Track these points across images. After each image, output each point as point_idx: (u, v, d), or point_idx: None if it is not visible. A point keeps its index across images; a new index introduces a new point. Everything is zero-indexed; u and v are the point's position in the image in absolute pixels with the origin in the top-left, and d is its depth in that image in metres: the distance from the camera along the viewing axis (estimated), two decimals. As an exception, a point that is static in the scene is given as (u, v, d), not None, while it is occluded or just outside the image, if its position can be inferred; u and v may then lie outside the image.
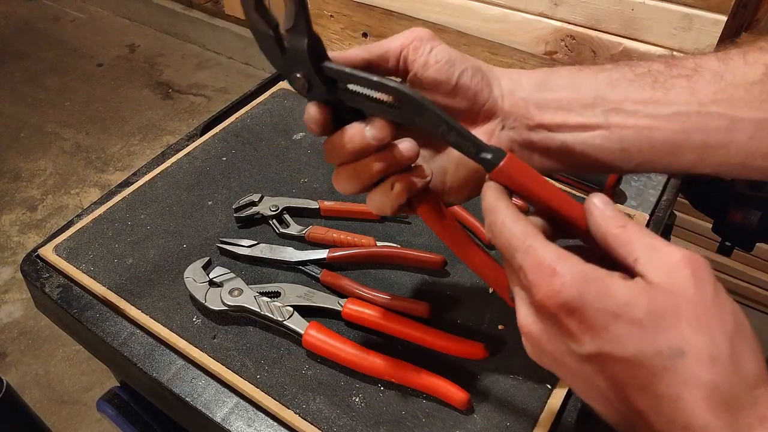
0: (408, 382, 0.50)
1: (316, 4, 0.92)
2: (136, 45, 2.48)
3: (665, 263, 0.27)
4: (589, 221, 0.31)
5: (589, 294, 0.27)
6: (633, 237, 0.29)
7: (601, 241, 0.30)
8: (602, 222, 0.30)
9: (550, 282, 0.28)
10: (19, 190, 1.83)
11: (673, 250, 0.28)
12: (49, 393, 1.32)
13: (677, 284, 0.26)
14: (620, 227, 0.30)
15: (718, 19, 0.63)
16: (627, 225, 0.30)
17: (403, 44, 0.40)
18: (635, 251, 0.28)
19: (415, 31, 0.40)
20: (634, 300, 0.26)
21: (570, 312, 0.27)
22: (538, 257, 0.29)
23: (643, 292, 0.27)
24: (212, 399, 0.52)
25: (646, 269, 0.27)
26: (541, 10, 0.73)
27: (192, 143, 0.78)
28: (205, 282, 0.57)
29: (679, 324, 0.26)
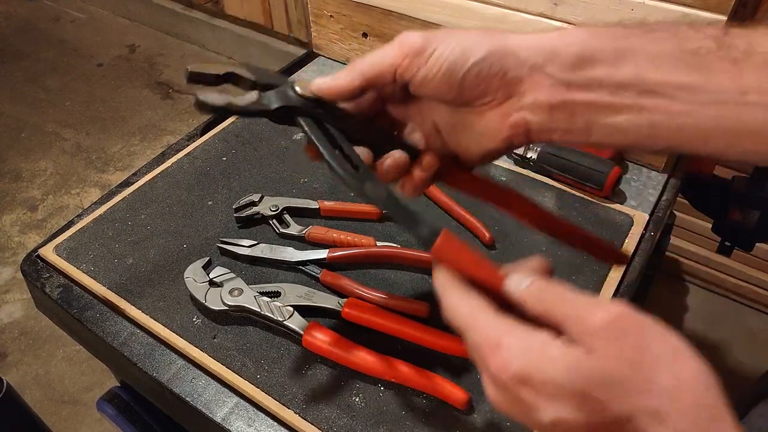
0: (408, 382, 0.50)
1: (316, 4, 0.92)
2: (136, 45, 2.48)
3: (589, 329, 0.28)
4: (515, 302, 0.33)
5: (532, 366, 0.28)
6: (557, 310, 0.30)
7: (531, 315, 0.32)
8: (525, 301, 0.32)
9: (497, 356, 0.29)
10: (20, 190, 1.83)
11: (595, 313, 0.28)
12: (50, 393, 1.32)
13: (607, 350, 0.27)
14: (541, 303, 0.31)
15: (717, 19, 0.63)
16: (547, 298, 0.31)
17: (394, 63, 0.37)
18: (564, 323, 0.29)
19: (404, 43, 0.37)
20: (574, 369, 0.27)
21: (521, 382, 0.28)
22: (484, 333, 0.31)
23: (579, 362, 0.27)
24: (212, 399, 0.52)
25: (580, 338, 0.28)
26: (540, 10, 0.72)
27: (192, 143, 0.78)
28: (206, 282, 0.57)
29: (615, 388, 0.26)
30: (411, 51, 0.37)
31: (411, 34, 0.37)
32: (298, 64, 0.95)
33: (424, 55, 0.37)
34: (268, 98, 0.40)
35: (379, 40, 0.89)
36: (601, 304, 0.29)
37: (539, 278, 0.33)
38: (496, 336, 0.30)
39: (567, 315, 0.29)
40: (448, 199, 0.67)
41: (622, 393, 0.26)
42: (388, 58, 0.38)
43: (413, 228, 0.37)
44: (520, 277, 0.33)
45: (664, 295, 1.41)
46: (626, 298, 0.59)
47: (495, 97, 0.37)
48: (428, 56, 0.37)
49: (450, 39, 0.37)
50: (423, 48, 0.37)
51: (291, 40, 2.15)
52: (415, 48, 0.37)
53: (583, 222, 0.67)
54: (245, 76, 0.40)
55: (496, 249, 0.64)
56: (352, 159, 0.39)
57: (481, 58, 0.36)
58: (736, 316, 1.38)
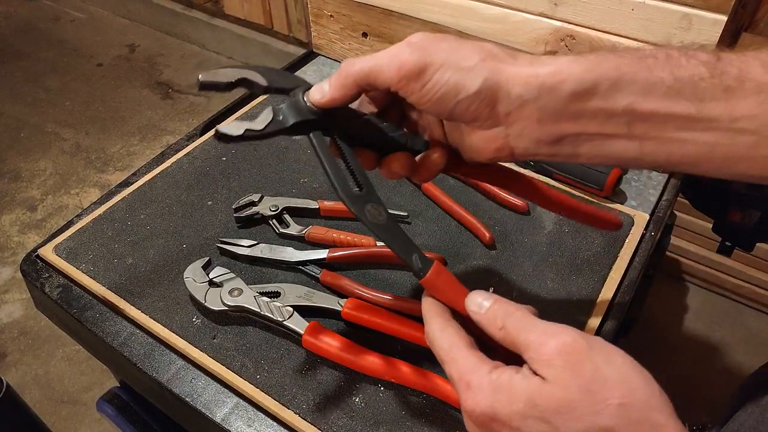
0: (408, 382, 0.50)
1: (316, 3, 0.92)
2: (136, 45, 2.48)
3: (544, 359, 0.30)
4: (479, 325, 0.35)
5: (499, 402, 0.31)
6: (514, 338, 0.33)
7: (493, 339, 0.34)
8: (485, 327, 0.35)
9: (467, 395, 0.32)
10: (19, 190, 1.83)
11: (548, 343, 0.31)
12: (49, 393, 1.32)
13: (559, 378, 0.30)
14: (500, 330, 0.33)
15: (717, 19, 0.62)
16: (505, 325, 0.33)
17: (389, 81, 0.38)
18: (521, 351, 0.32)
19: (403, 66, 0.37)
20: (533, 399, 0.30)
21: (491, 419, 0.31)
22: (458, 369, 0.33)
23: (537, 391, 0.30)
24: (212, 399, 0.52)
25: (535, 367, 0.31)
26: (541, 10, 0.72)
27: (192, 143, 0.78)
28: (205, 282, 0.57)
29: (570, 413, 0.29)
30: (408, 74, 0.37)
31: (409, 55, 0.37)
32: (298, 64, 0.95)
33: (420, 81, 0.37)
34: (282, 114, 0.40)
35: (379, 39, 0.89)
36: (553, 334, 0.31)
37: (497, 302, 0.35)
38: (467, 375, 0.33)
39: (524, 345, 0.32)
40: (448, 199, 0.67)
41: (577, 416, 0.29)
42: (384, 76, 0.38)
43: (406, 257, 0.39)
44: (479, 299, 0.35)
45: (664, 295, 1.40)
46: (627, 297, 0.59)
47: (483, 123, 0.38)
48: (424, 83, 0.37)
49: (447, 67, 0.37)
50: (420, 74, 0.37)
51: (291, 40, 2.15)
52: (412, 72, 0.37)
53: (584, 222, 0.66)
54: (257, 81, 0.41)
55: (496, 249, 0.64)
56: (358, 177, 0.40)
57: (474, 93, 0.36)
58: (737, 316, 1.38)
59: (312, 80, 0.94)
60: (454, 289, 0.38)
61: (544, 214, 0.67)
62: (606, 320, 0.57)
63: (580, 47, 0.72)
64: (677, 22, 0.65)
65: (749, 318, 1.38)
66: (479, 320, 0.35)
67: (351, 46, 0.92)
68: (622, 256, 0.63)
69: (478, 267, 0.62)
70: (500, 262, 0.62)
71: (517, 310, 0.34)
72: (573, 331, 0.31)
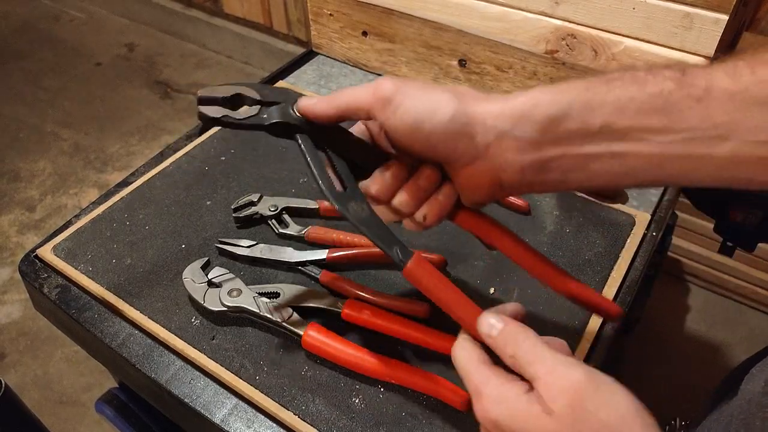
0: (408, 383, 0.50)
1: (316, 2, 0.91)
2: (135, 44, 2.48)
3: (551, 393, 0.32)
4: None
5: (504, 416, 0.33)
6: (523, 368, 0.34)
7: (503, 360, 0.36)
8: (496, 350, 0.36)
9: (479, 404, 0.34)
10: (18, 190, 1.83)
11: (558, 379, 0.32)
12: (48, 394, 1.32)
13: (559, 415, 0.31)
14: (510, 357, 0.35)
15: (719, 18, 0.62)
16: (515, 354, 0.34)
17: (367, 105, 0.39)
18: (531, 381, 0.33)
19: (377, 90, 0.39)
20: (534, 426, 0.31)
21: (498, 428, 0.33)
22: (471, 381, 0.35)
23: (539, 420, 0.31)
24: (211, 400, 0.51)
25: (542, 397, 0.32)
26: (541, 9, 0.72)
27: (191, 143, 0.77)
28: (204, 282, 0.57)
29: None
30: (381, 99, 0.38)
31: (385, 82, 0.39)
32: (297, 63, 0.95)
33: (392, 106, 0.38)
34: (266, 113, 0.41)
35: (379, 38, 0.88)
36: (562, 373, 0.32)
37: (508, 325, 0.36)
38: (478, 385, 0.34)
39: (534, 378, 0.33)
40: (449, 198, 0.67)
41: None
42: (361, 100, 0.39)
43: (388, 249, 0.40)
44: (491, 321, 0.36)
45: (665, 295, 1.40)
46: (628, 297, 0.59)
47: (462, 158, 0.39)
48: (396, 107, 0.38)
49: (419, 94, 0.38)
50: (391, 99, 0.38)
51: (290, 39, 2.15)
52: (385, 97, 0.38)
53: (585, 223, 0.66)
54: (250, 95, 0.42)
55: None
56: (343, 178, 0.41)
57: (447, 119, 0.37)
58: (738, 317, 1.38)
59: (312, 79, 0.93)
60: (434, 280, 0.39)
61: (545, 215, 0.67)
62: (607, 321, 0.57)
63: (581, 46, 0.71)
64: (678, 20, 0.64)
65: (751, 318, 1.37)
66: (490, 344, 0.36)
67: (351, 45, 0.92)
68: (623, 257, 0.62)
69: (478, 267, 0.61)
70: (500, 262, 0.62)
71: (526, 339, 0.35)
72: (580, 370, 0.32)
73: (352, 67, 0.94)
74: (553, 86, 0.37)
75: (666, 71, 0.35)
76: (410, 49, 0.86)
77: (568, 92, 0.36)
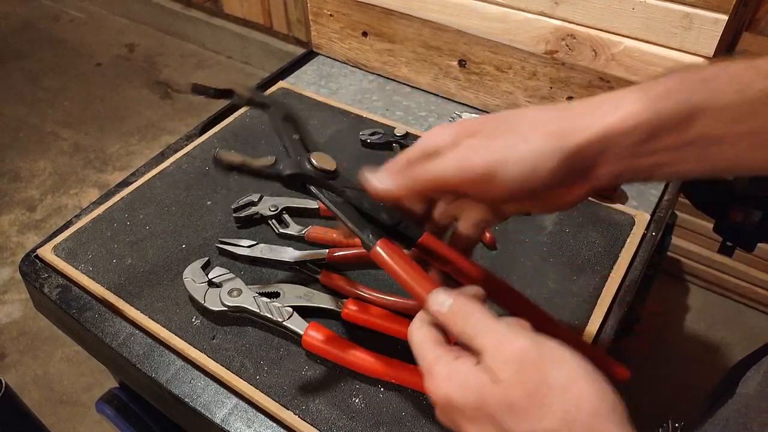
0: (408, 383, 0.50)
1: (316, 2, 0.91)
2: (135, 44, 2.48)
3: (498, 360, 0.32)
4: None
5: (454, 392, 0.33)
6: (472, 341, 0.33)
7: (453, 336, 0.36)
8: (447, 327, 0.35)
9: (428, 382, 0.34)
10: (18, 190, 1.83)
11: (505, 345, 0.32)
12: (49, 393, 1.32)
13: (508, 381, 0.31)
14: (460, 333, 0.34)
15: (718, 18, 0.62)
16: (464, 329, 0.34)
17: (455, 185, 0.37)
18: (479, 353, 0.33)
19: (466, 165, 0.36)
20: (483, 396, 0.31)
21: (449, 405, 0.33)
22: (424, 360, 0.35)
23: (488, 389, 0.31)
24: (211, 400, 0.51)
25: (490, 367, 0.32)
26: (541, 9, 0.72)
27: (191, 143, 0.77)
28: (204, 282, 0.57)
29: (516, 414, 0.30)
30: (474, 178, 0.36)
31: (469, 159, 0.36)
32: (297, 63, 0.95)
33: (490, 181, 0.36)
34: (283, 163, 0.41)
35: (379, 39, 0.88)
36: (508, 341, 0.32)
37: (457, 299, 0.36)
38: (430, 364, 0.34)
39: (482, 349, 0.33)
40: (449, 198, 0.67)
41: (522, 418, 0.30)
42: (448, 180, 0.37)
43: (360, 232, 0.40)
44: (441, 297, 0.36)
45: (665, 295, 1.40)
46: (628, 297, 0.59)
47: (564, 186, 0.37)
48: (494, 181, 0.36)
49: (513, 158, 0.35)
50: (487, 175, 0.36)
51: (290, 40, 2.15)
52: (477, 175, 0.36)
53: (585, 223, 0.66)
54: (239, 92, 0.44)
55: (496, 249, 0.63)
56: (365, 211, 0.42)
57: (554, 169, 0.35)
58: (737, 316, 1.38)
59: (312, 80, 0.93)
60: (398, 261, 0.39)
61: (545, 214, 0.67)
62: (607, 320, 0.57)
63: (580, 46, 0.71)
64: (678, 21, 0.64)
65: (750, 318, 1.38)
66: (441, 321, 0.36)
67: (351, 45, 0.92)
68: (623, 256, 0.62)
69: (478, 267, 0.61)
70: (501, 263, 0.62)
71: (474, 313, 0.34)
72: (526, 337, 0.32)
73: (352, 68, 0.95)
74: (650, 90, 0.35)
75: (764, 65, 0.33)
76: (410, 50, 0.86)
77: (668, 100, 0.34)
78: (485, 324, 0.34)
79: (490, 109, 0.84)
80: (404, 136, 0.75)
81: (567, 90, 0.76)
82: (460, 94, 0.86)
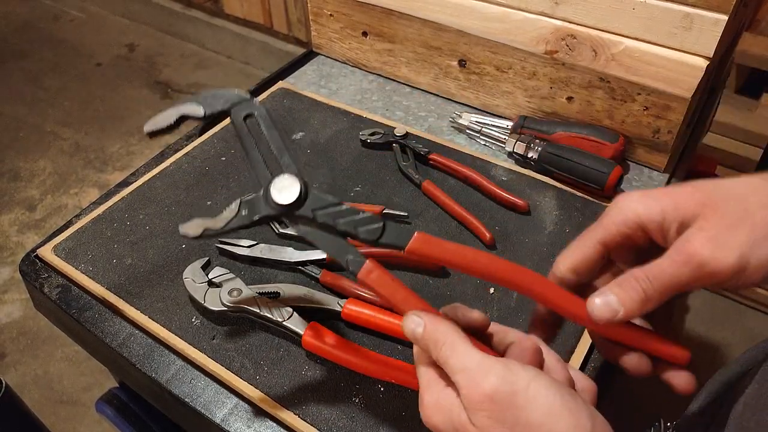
0: (408, 383, 0.50)
1: (316, 3, 0.92)
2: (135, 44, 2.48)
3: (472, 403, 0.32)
4: None
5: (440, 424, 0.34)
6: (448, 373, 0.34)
7: None
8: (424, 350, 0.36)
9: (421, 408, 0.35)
10: (18, 189, 1.83)
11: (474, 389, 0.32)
12: (49, 393, 1.32)
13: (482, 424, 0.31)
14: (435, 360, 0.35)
15: (718, 18, 0.62)
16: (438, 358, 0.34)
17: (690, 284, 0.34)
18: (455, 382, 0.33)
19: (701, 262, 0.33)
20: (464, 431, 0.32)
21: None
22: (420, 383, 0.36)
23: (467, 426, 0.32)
24: (211, 400, 0.52)
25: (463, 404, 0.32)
26: (541, 9, 0.72)
27: (191, 143, 0.77)
28: (204, 282, 0.57)
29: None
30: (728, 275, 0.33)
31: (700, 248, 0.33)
32: (297, 63, 0.95)
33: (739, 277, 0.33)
34: (248, 208, 0.42)
35: (379, 39, 0.88)
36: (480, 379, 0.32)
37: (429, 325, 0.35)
38: (422, 389, 0.35)
39: (457, 381, 0.33)
40: (448, 199, 0.67)
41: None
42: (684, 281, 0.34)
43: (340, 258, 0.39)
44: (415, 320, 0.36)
45: (664, 295, 1.40)
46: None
47: None
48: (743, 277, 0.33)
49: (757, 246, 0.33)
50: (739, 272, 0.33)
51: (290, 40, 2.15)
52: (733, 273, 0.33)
53: (585, 222, 0.66)
54: (195, 113, 0.42)
55: (496, 249, 0.63)
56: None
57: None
58: (737, 317, 1.38)
59: (312, 80, 0.93)
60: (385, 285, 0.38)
61: (545, 215, 0.67)
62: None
63: (581, 46, 0.71)
64: (678, 21, 0.64)
65: (750, 318, 1.38)
66: (418, 344, 0.36)
67: (351, 45, 0.92)
68: (623, 256, 0.62)
69: (478, 267, 0.61)
70: (501, 262, 0.62)
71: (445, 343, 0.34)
72: (497, 373, 0.32)
73: (352, 68, 0.95)
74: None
75: None
76: (410, 50, 0.86)
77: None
78: (456, 357, 0.33)
79: (490, 109, 0.84)
80: (404, 136, 0.75)
81: (567, 90, 0.76)
82: (460, 94, 0.86)
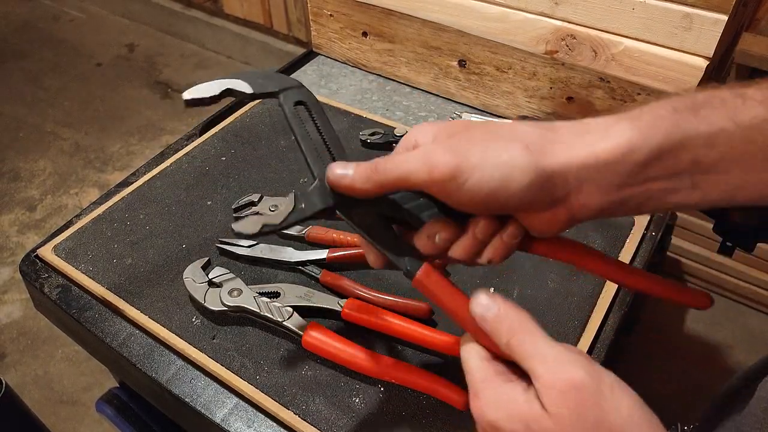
0: (408, 383, 0.50)
1: (316, 3, 0.92)
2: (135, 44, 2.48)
3: (551, 391, 0.30)
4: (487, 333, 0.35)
5: (501, 418, 0.31)
6: (520, 360, 0.32)
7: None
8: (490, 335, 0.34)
9: (476, 404, 0.33)
10: (18, 190, 1.83)
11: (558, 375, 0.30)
12: (49, 393, 1.32)
13: (562, 417, 0.29)
14: (504, 345, 0.33)
15: (718, 18, 0.62)
16: (510, 344, 0.32)
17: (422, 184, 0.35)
18: (529, 374, 0.31)
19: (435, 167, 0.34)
20: (532, 427, 0.30)
21: (494, 429, 0.32)
22: (472, 379, 0.34)
23: (538, 421, 0.30)
24: (212, 400, 0.52)
25: (540, 395, 0.30)
26: (541, 9, 0.72)
27: (191, 143, 0.77)
28: (205, 282, 0.57)
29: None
30: (441, 178, 0.34)
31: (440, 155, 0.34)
32: (297, 63, 0.95)
33: (457, 182, 0.34)
34: (305, 201, 0.40)
35: (379, 39, 0.88)
36: (563, 370, 0.30)
37: (504, 306, 0.34)
38: (476, 385, 0.33)
39: (532, 372, 0.31)
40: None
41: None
42: (415, 178, 0.35)
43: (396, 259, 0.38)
44: (485, 302, 0.34)
45: (664, 295, 1.40)
46: (628, 297, 0.59)
47: (538, 208, 0.36)
48: (462, 184, 0.34)
49: (484, 163, 0.33)
50: (454, 176, 0.34)
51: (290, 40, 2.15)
52: (445, 175, 0.34)
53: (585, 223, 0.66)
54: (242, 89, 0.40)
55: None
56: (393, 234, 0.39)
57: (525, 186, 0.33)
58: (737, 317, 1.38)
59: (312, 80, 0.93)
60: (442, 290, 0.37)
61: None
62: (607, 320, 0.57)
63: (580, 47, 0.71)
64: (678, 21, 0.64)
65: (750, 318, 1.37)
66: (484, 328, 0.34)
67: (351, 45, 0.92)
68: (623, 257, 0.62)
69: (478, 267, 0.61)
70: (501, 262, 0.62)
71: (522, 328, 0.33)
72: (583, 366, 0.30)
73: (352, 68, 0.95)
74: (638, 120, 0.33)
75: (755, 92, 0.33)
76: (410, 50, 0.86)
77: (658, 129, 0.33)
78: (535, 344, 0.32)
79: (490, 109, 0.84)
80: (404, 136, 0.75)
81: (567, 90, 0.76)
82: (460, 94, 0.86)
